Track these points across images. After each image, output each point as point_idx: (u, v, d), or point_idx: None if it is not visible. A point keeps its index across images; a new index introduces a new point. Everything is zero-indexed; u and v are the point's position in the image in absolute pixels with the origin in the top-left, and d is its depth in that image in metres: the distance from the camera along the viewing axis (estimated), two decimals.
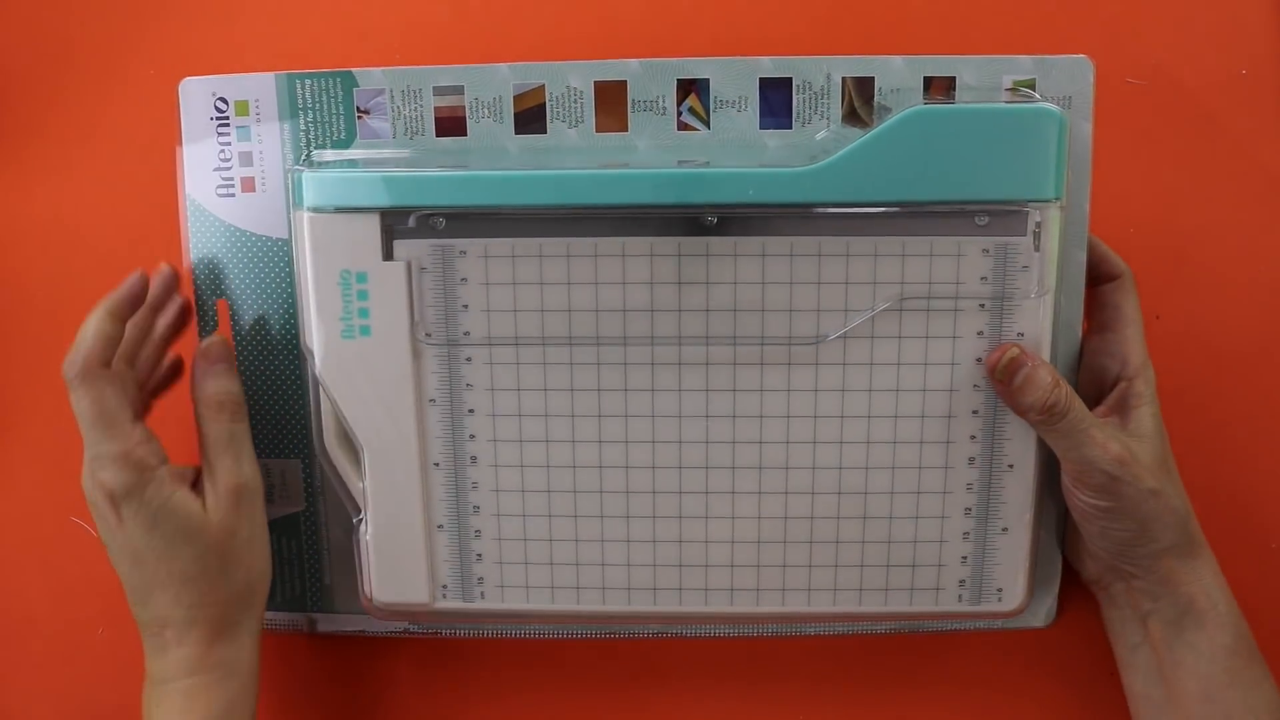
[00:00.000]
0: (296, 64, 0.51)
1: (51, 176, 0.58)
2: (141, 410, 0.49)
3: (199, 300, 0.53)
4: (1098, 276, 0.50)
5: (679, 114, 0.50)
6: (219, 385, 0.50)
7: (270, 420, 0.53)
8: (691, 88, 0.49)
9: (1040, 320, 0.48)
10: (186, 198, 0.52)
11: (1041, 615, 0.54)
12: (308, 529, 0.54)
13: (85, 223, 0.58)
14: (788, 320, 0.49)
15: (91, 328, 0.47)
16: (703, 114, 0.50)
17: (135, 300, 0.49)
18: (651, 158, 0.50)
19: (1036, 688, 0.56)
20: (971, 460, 0.50)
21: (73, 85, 0.57)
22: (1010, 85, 0.49)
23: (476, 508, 0.51)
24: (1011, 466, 0.50)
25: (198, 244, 0.52)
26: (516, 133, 0.50)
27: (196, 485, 0.49)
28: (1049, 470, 0.51)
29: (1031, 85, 0.49)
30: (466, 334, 0.50)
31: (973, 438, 0.49)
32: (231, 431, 0.50)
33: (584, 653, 0.57)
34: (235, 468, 0.49)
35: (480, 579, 0.52)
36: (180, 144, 0.52)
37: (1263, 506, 0.54)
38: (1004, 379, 0.47)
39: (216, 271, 0.52)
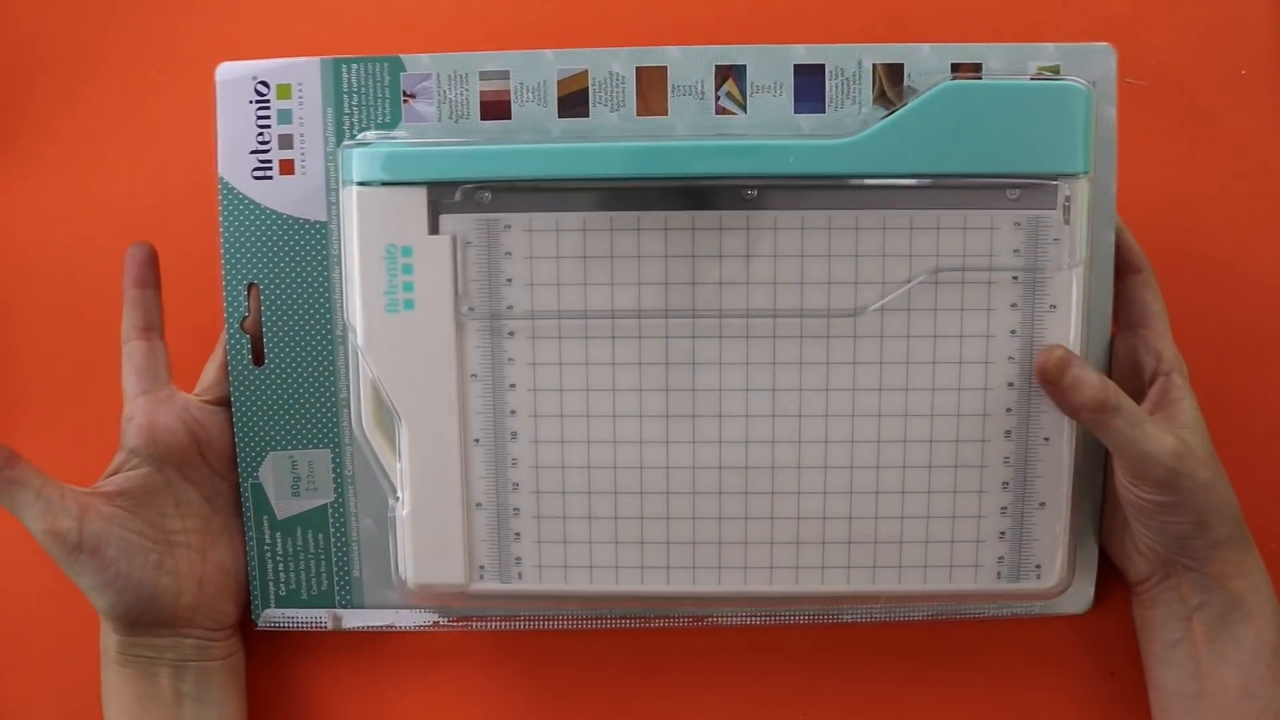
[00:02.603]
0: (331, 51, 0.52)
1: (76, 168, 0.58)
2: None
3: (228, 284, 0.53)
4: (1121, 268, 0.52)
5: (717, 99, 0.51)
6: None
7: (300, 410, 0.53)
8: (729, 73, 0.51)
9: (1072, 292, 0.50)
10: (220, 180, 0.52)
11: (1080, 602, 0.54)
12: (337, 521, 0.54)
13: (94, 217, 0.58)
14: (826, 292, 0.50)
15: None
16: (740, 99, 0.51)
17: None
18: (689, 136, 0.51)
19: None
20: (1008, 433, 0.50)
21: (107, 70, 0.58)
22: (1035, 72, 0.51)
23: (516, 485, 0.51)
24: (1047, 439, 0.50)
25: (229, 227, 0.52)
26: (560, 116, 0.51)
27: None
28: (1086, 450, 0.51)
29: (1056, 71, 0.51)
30: (510, 308, 0.50)
31: (1009, 410, 0.50)
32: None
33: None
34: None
35: (518, 559, 0.51)
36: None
37: (1263, 506, 0.54)
38: (1055, 379, 0.48)
39: (248, 255, 0.52)
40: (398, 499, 0.51)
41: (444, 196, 0.50)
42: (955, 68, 0.51)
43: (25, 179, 0.59)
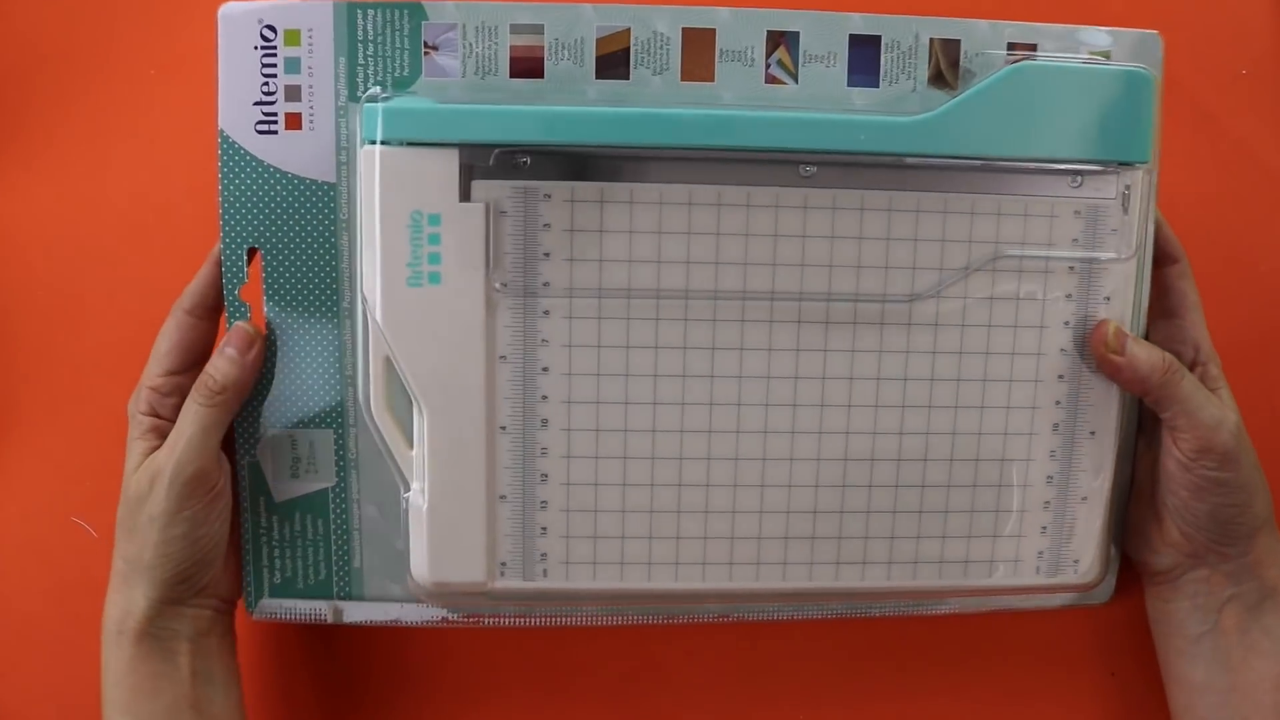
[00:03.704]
0: None
1: (76, 168, 0.56)
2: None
3: (227, 248, 0.48)
4: (1159, 258, 0.51)
5: (767, 66, 0.48)
6: (209, 367, 0.47)
7: (301, 387, 0.49)
8: (781, 40, 0.48)
9: (1126, 284, 0.48)
10: (219, 133, 0.47)
11: (1104, 592, 0.53)
12: (337, 507, 0.49)
13: (94, 217, 0.56)
14: (883, 277, 0.47)
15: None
16: (791, 68, 0.48)
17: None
18: (737, 105, 0.48)
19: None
20: (1055, 426, 0.49)
21: (107, 70, 0.56)
22: (1086, 56, 0.49)
23: (545, 476, 0.47)
24: (1093, 433, 0.49)
25: (229, 184, 0.47)
26: (597, 77, 0.47)
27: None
28: (1124, 444, 0.50)
29: (1107, 57, 0.49)
30: (546, 285, 0.46)
31: (1058, 403, 0.49)
32: (194, 413, 0.46)
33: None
34: (170, 445, 0.46)
35: (544, 555, 0.48)
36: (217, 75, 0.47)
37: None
38: (1117, 350, 0.47)
39: (249, 216, 0.47)
40: (410, 489, 0.47)
41: (477, 160, 0.45)
42: (1011, 46, 0.48)
43: (25, 179, 0.56)
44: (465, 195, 0.45)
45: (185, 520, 0.45)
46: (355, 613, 0.50)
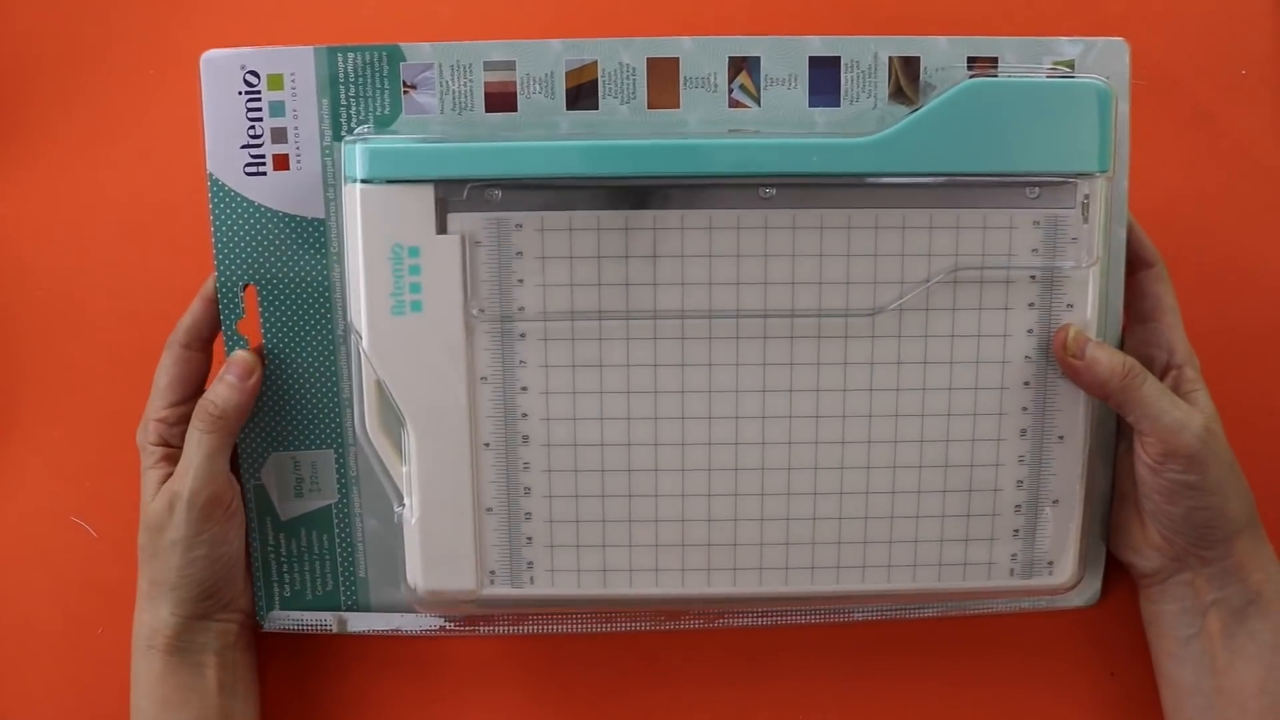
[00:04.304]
0: (330, 40, 0.50)
1: (76, 168, 0.57)
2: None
3: (223, 286, 0.51)
4: (1133, 263, 0.51)
5: (730, 91, 0.50)
6: (209, 393, 0.49)
7: (301, 411, 0.52)
8: (743, 65, 0.50)
9: (1089, 292, 0.49)
10: (209, 177, 0.50)
11: (1087, 595, 0.54)
12: (341, 522, 0.52)
13: (93, 217, 0.57)
14: (845, 292, 0.49)
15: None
16: (754, 91, 0.50)
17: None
18: (703, 134, 0.50)
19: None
20: (1023, 432, 0.50)
21: (107, 70, 0.57)
22: (1050, 67, 0.50)
23: (528, 489, 0.50)
24: (1062, 438, 0.50)
25: (221, 225, 0.50)
26: (568, 109, 0.50)
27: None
28: (1099, 447, 0.51)
29: (1070, 67, 0.50)
30: (521, 309, 0.49)
31: (1024, 409, 0.50)
32: (198, 440, 0.49)
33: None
34: (181, 473, 0.49)
35: (530, 563, 0.50)
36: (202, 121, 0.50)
37: (1262, 507, 0.54)
38: (1076, 353, 0.48)
39: (242, 254, 0.50)
40: (404, 504, 0.50)
41: (452, 195, 0.48)
42: (971, 62, 0.50)
43: (25, 179, 0.57)
44: (442, 228, 0.48)
45: (204, 543, 0.48)
46: (359, 623, 0.53)
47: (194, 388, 0.51)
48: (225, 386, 0.49)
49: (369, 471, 0.51)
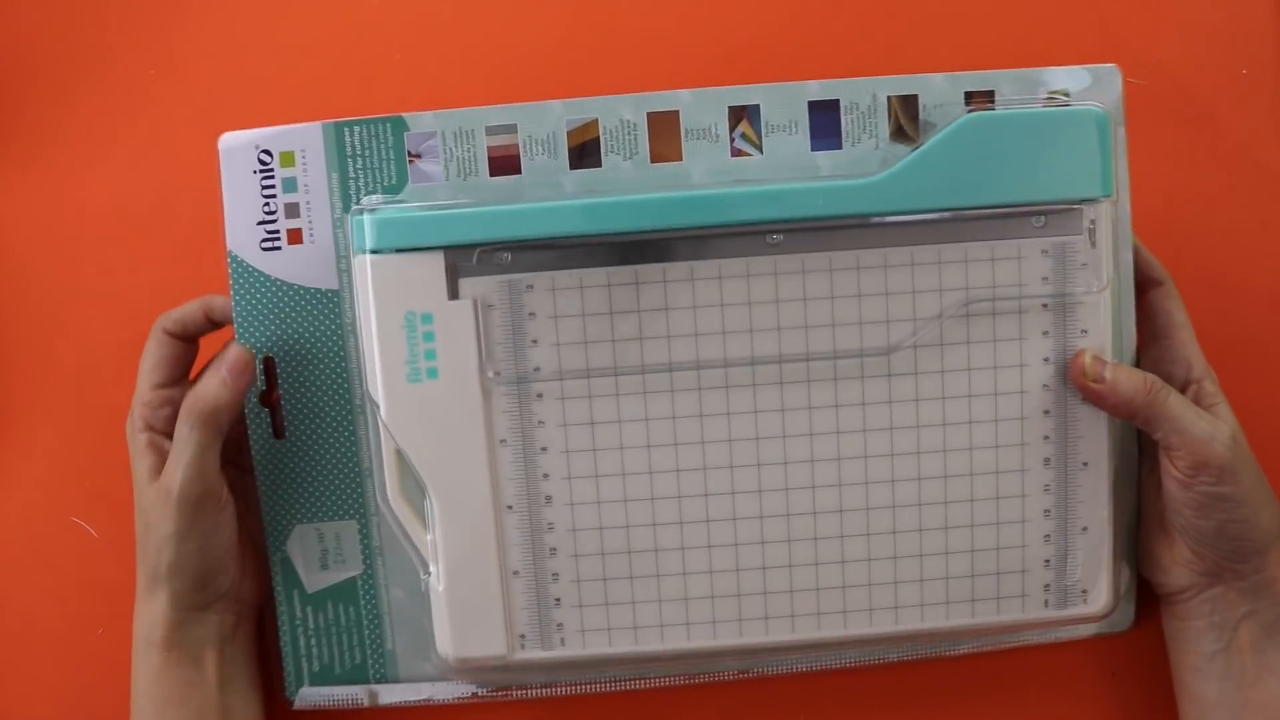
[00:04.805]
0: (338, 113, 0.51)
1: (76, 168, 0.58)
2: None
3: None
4: (1142, 283, 0.52)
5: (732, 140, 0.50)
6: (199, 389, 0.49)
7: (323, 482, 0.52)
8: (743, 114, 0.50)
9: (1101, 316, 0.49)
10: (229, 254, 0.51)
11: (1123, 620, 0.53)
12: (367, 593, 0.52)
13: (92, 218, 0.57)
14: (858, 333, 0.49)
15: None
16: (755, 139, 0.50)
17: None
18: (707, 184, 0.50)
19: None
20: (1047, 461, 0.50)
21: (107, 70, 0.57)
22: (1045, 95, 0.50)
23: (553, 550, 0.50)
24: (1086, 464, 0.50)
25: (241, 300, 0.51)
26: (571, 168, 0.50)
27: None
28: (1123, 471, 0.51)
29: (1066, 95, 0.50)
30: (537, 370, 0.49)
31: (1046, 438, 0.50)
32: (187, 436, 0.48)
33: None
34: (171, 470, 0.48)
35: (560, 624, 0.50)
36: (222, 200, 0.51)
37: None
38: (1096, 377, 0.48)
39: (261, 327, 0.51)
40: (429, 573, 0.50)
41: (462, 260, 0.48)
42: (969, 97, 0.50)
43: (25, 179, 0.58)
44: (454, 293, 0.48)
45: (197, 536, 0.48)
46: (390, 695, 0.53)
47: (179, 372, 0.51)
48: (218, 383, 0.48)
49: (393, 541, 0.51)
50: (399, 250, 0.48)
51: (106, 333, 0.56)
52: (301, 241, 0.51)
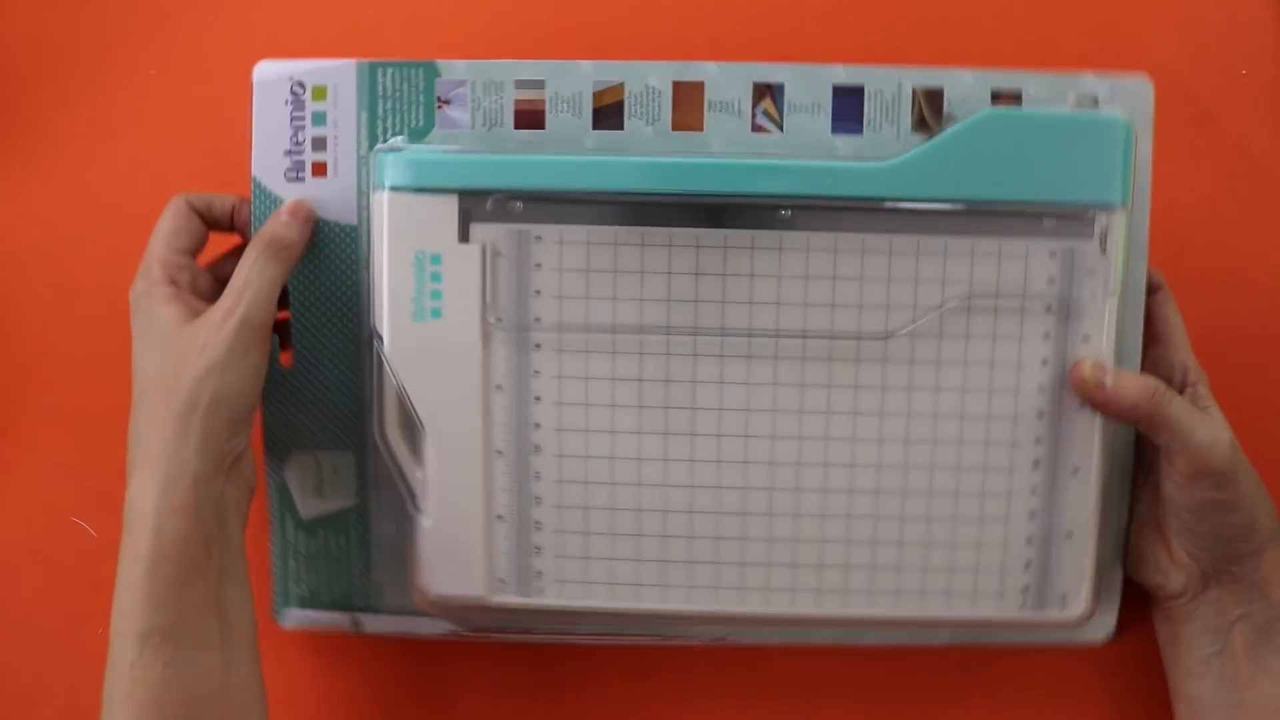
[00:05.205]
0: (366, 53, 0.52)
1: (76, 168, 0.58)
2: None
3: None
4: None
5: (754, 116, 0.51)
6: (270, 229, 0.49)
7: (325, 412, 0.53)
8: (767, 92, 0.51)
9: (1105, 324, 0.49)
10: (253, 180, 0.52)
11: (1101, 631, 0.53)
12: (358, 524, 0.53)
13: (93, 217, 0.58)
14: (857, 316, 0.49)
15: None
16: (777, 118, 0.51)
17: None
18: (724, 153, 0.51)
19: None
20: (1036, 463, 0.50)
21: (107, 70, 0.58)
22: (1074, 102, 0.50)
23: (539, 499, 0.51)
24: (1077, 470, 0.50)
25: (258, 227, 0.52)
26: (594, 128, 0.51)
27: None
28: (1115, 480, 0.51)
29: (1094, 103, 0.50)
30: (537, 320, 0.50)
31: (1037, 440, 0.50)
32: (263, 266, 0.48)
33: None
34: (237, 297, 0.47)
35: (539, 573, 0.51)
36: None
37: None
38: (1099, 384, 0.48)
39: None
40: (419, 509, 0.51)
41: (475, 205, 0.49)
42: (995, 96, 0.50)
43: (25, 179, 0.59)
44: (464, 237, 0.49)
45: (250, 363, 0.47)
46: (373, 624, 0.54)
47: (196, 246, 0.51)
48: (283, 225, 0.50)
49: (388, 476, 0.52)
50: (416, 190, 0.49)
51: (106, 333, 0.56)
52: (325, 175, 0.52)
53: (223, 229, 0.53)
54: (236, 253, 0.52)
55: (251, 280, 0.48)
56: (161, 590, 0.44)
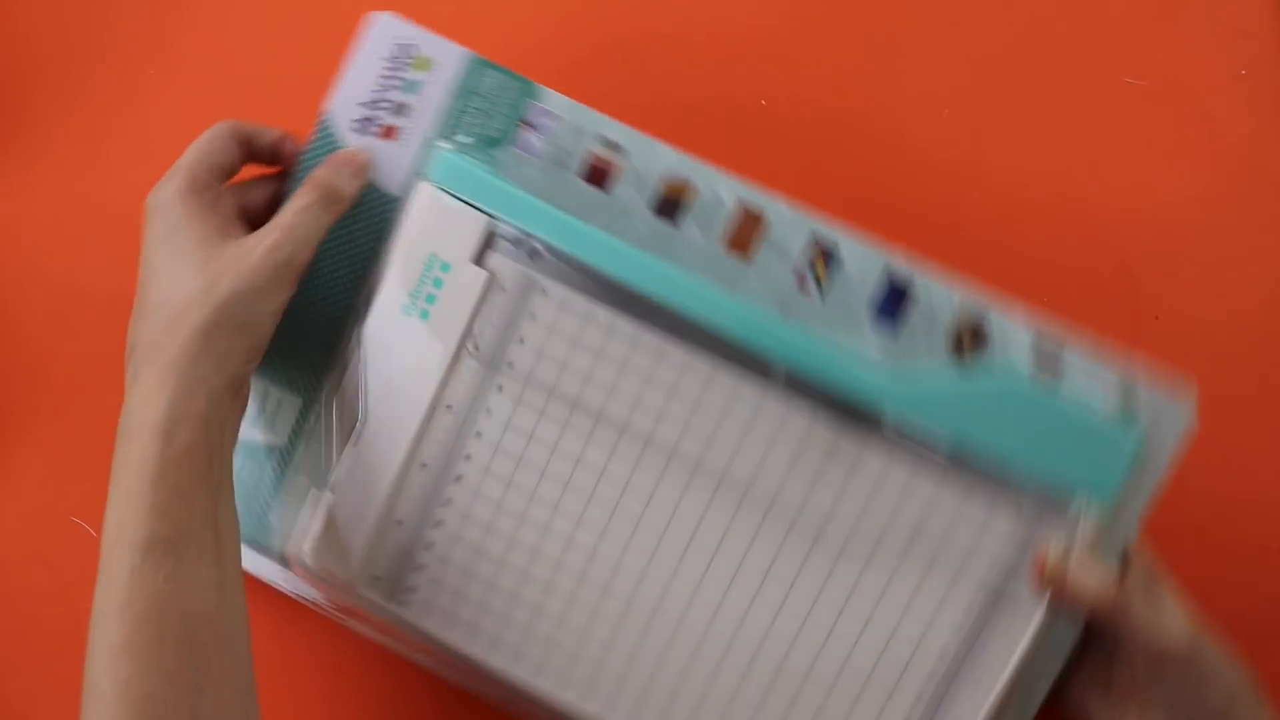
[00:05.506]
0: (474, 43, 0.52)
1: (76, 168, 0.59)
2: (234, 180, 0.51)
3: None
4: None
5: (801, 271, 0.50)
6: (342, 180, 0.50)
7: (295, 352, 0.54)
8: (823, 252, 0.50)
9: (1031, 625, 0.47)
10: (321, 115, 0.53)
11: None
12: (277, 466, 0.54)
13: (93, 217, 0.59)
14: (804, 494, 0.49)
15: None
16: (822, 280, 0.50)
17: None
18: (759, 292, 0.50)
19: None
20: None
21: (107, 70, 0.59)
22: (1110, 391, 0.48)
23: (440, 522, 0.51)
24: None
25: (309, 161, 0.53)
26: (651, 211, 0.51)
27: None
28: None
29: (1129, 398, 0.48)
30: (510, 365, 0.50)
31: (918, 699, 0.49)
32: (316, 213, 0.48)
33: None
34: (284, 236, 0.47)
35: (412, 588, 0.51)
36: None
37: (1263, 508, 0.54)
38: (1058, 579, 0.46)
39: None
40: (327, 481, 0.52)
41: (501, 234, 0.49)
42: (1038, 350, 0.49)
43: (25, 179, 0.59)
44: (478, 260, 0.49)
45: (279, 302, 0.47)
46: (249, 559, 0.54)
47: (229, 172, 0.51)
48: (344, 177, 0.50)
49: (318, 436, 0.53)
50: (453, 195, 0.50)
51: (107, 333, 0.54)
52: (392, 139, 0.52)
53: (260, 162, 0.53)
54: (263, 181, 0.53)
55: (302, 224, 0.48)
56: (166, 499, 0.43)
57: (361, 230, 0.53)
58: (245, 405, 0.49)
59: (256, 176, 0.53)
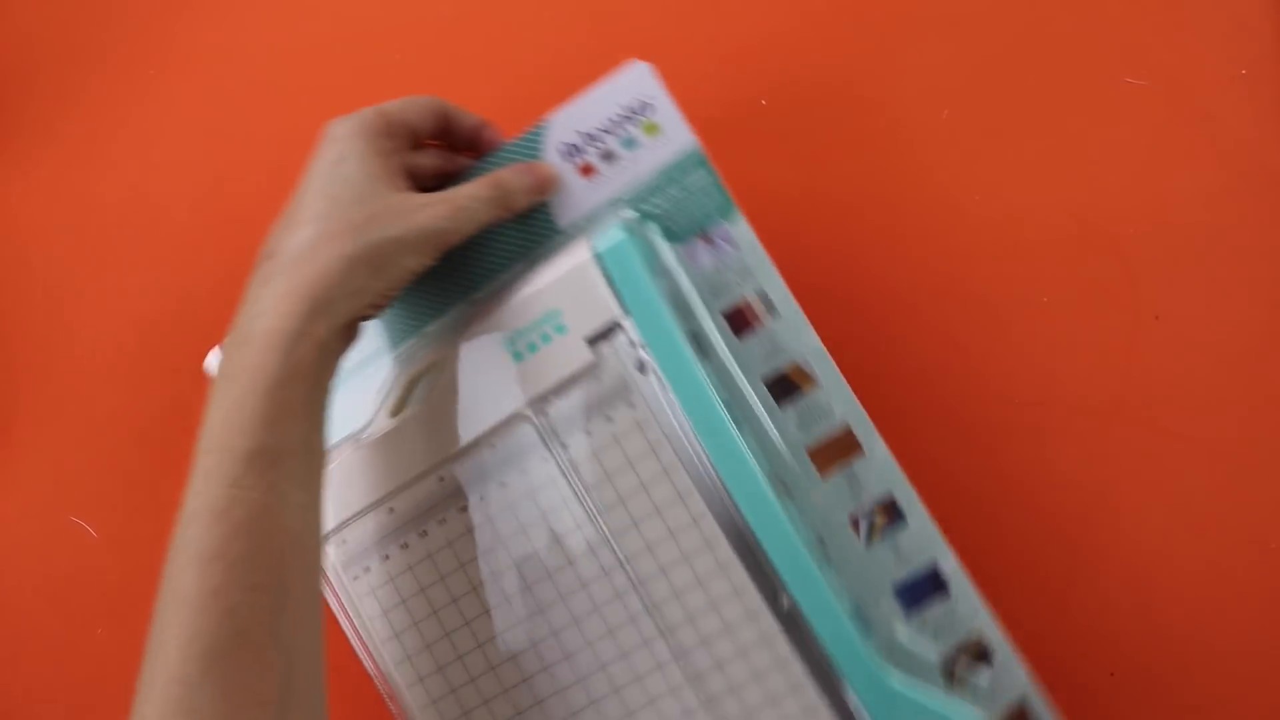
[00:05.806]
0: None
1: (76, 168, 0.58)
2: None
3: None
4: None
5: (861, 517, 0.50)
6: (521, 191, 0.51)
7: (376, 326, 0.54)
8: (888, 507, 0.49)
9: None
10: (540, 122, 0.52)
11: None
12: None
13: (93, 217, 0.59)
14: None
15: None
16: (878, 532, 0.49)
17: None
18: (814, 509, 0.49)
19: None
20: None
21: (107, 70, 0.58)
22: None
23: (406, 546, 0.52)
24: None
25: (504, 155, 0.53)
26: (766, 386, 0.50)
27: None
28: None
29: None
30: (564, 447, 0.49)
31: None
32: (483, 206, 0.49)
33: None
34: (452, 216, 0.47)
35: (366, 569, 0.52)
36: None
37: (1263, 507, 0.54)
38: None
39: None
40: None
41: (624, 330, 0.49)
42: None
43: (25, 179, 0.58)
44: (592, 341, 0.49)
45: (421, 265, 0.47)
46: None
47: (417, 139, 0.51)
48: (525, 189, 0.51)
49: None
50: (605, 274, 0.49)
51: (107, 333, 0.56)
52: (586, 178, 0.52)
53: (451, 142, 0.53)
54: (434, 154, 0.53)
55: (469, 208, 0.48)
56: (277, 412, 0.42)
57: (509, 239, 0.53)
58: (350, 348, 0.47)
59: (429, 148, 0.53)
